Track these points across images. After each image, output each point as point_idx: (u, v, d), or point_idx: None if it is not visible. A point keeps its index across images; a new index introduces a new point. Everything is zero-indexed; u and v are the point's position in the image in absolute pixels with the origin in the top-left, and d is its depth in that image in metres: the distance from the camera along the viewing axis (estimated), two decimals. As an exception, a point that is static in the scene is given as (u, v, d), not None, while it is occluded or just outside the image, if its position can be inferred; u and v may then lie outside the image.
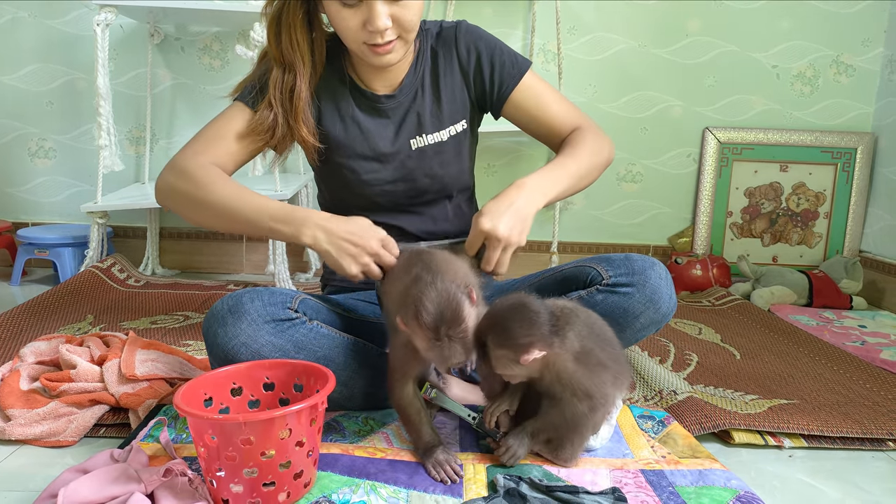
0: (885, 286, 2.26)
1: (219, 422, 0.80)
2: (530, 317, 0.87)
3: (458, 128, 1.23)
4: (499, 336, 0.87)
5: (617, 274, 1.08)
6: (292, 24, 1.09)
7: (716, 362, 1.56)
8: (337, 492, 0.88)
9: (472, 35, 1.22)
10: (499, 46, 1.23)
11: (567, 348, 0.89)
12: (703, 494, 0.91)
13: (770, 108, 2.46)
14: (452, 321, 0.85)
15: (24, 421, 1.07)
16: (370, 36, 1.04)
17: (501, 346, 0.87)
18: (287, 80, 1.11)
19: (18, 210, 2.44)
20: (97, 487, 0.81)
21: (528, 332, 0.86)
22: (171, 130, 2.41)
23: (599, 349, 0.92)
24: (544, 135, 1.28)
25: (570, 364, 0.91)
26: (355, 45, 1.08)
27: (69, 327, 1.65)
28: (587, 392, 0.92)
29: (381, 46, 1.05)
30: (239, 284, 2.22)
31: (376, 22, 1.01)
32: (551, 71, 2.37)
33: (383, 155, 1.19)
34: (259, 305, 1.02)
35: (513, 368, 0.89)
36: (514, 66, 1.22)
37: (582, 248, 2.51)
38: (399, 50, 1.09)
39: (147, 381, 1.17)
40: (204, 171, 1.08)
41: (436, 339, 0.85)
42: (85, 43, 2.29)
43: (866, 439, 1.17)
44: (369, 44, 1.06)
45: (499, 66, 1.21)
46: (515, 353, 0.86)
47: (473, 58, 1.21)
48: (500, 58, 1.21)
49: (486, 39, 1.22)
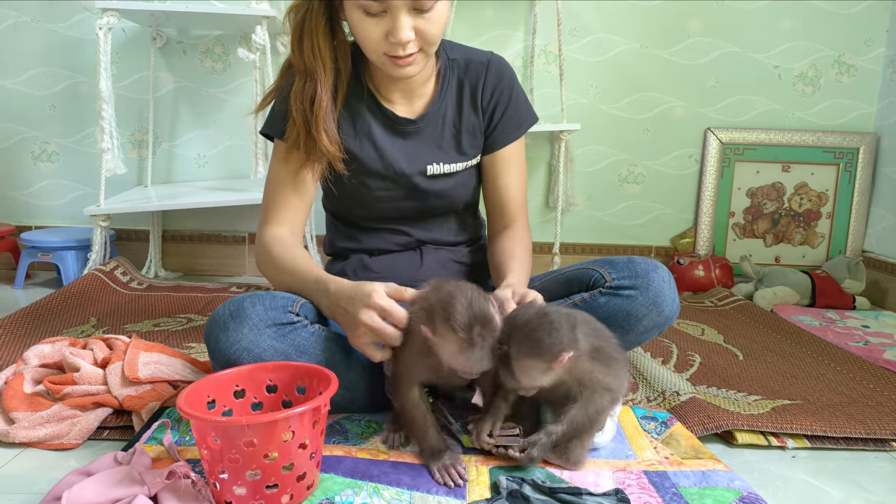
0: (888, 286, 2.26)
1: (222, 424, 0.80)
2: (553, 323, 0.87)
3: (473, 161, 1.25)
4: (526, 346, 0.86)
5: (620, 277, 1.08)
6: (314, 31, 1.08)
7: (718, 363, 1.56)
8: (340, 494, 0.88)
9: (499, 78, 1.22)
10: (519, 98, 1.24)
11: (582, 349, 0.90)
12: (707, 495, 0.91)
13: (772, 109, 2.45)
14: (485, 322, 0.85)
15: (27, 424, 1.07)
16: (392, 47, 1.03)
17: (530, 356, 0.86)
18: (307, 90, 1.10)
19: (21, 214, 2.44)
20: (101, 490, 0.81)
21: (555, 339, 0.86)
22: (173, 133, 2.42)
23: (605, 344, 0.94)
24: (492, 202, 1.29)
25: (588, 363, 0.92)
26: (375, 56, 1.07)
27: (72, 330, 1.65)
28: (607, 386, 0.94)
29: (402, 59, 1.04)
30: (241, 287, 2.22)
31: (399, 34, 1.00)
32: (552, 73, 2.38)
33: (397, 175, 1.20)
34: (261, 310, 1.02)
35: (540, 378, 0.88)
36: (516, 127, 1.23)
37: (584, 249, 2.51)
38: (419, 63, 1.08)
39: (150, 384, 1.17)
40: (276, 252, 1.15)
41: (468, 341, 0.84)
42: (87, 47, 2.30)
43: (870, 440, 1.17)
44: (390, 55, 1.05)
45: (505, 119, 1.22)
46: (547, 361, 0.86)
47: (494, 102, 1.22)
48: (512, 111, 1.23)
49: (511, 86, 1.23)
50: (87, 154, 2.38)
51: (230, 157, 2.43)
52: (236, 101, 2.38)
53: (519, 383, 0.89)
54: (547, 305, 0.93)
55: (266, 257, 1.17)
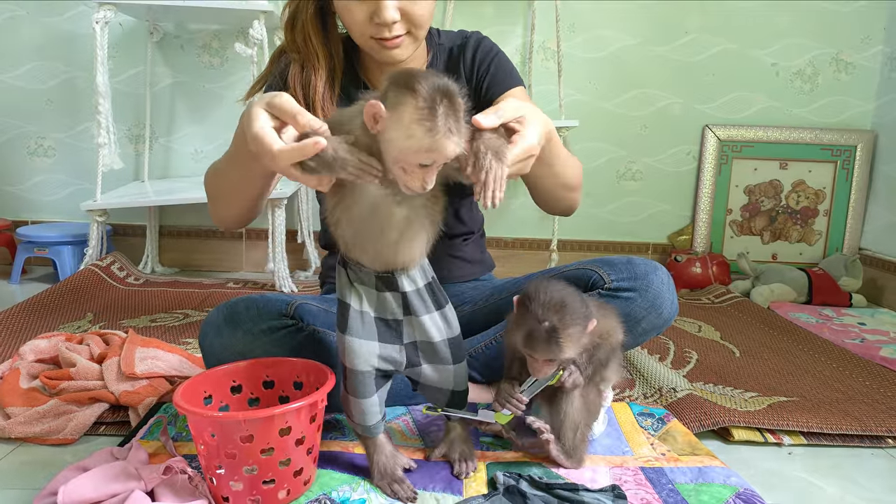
0: (884, 284, 2.26)
1: (219, 419, 0.80)
2: (575, 293, 0.90)
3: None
4: (568, 316, 0.87)
5: (619, 278, 1.07)
6: (305, 21, 1.09)
7: (715, 360, 1.56)
8: (337, 489, 0.88)
9: (482, 48, 1.20)
10: (502, 59, 1.21)
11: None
12: (703, 492, 0.91)
13: (770, 106, 2.45)
14: (450, 96, 0.72)
15: (23, 419, 1.07)
16: (377, 29, 1.03)
17: (572, 325, 0.87)
18: (305, 76, 1.11)
19: (18, 208, 2.44)
20: (97, 485, 0.81)
21: (583, 306, 0.89)
22: (170, 128, 2.41)
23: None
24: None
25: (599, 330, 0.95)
26: (363, 40, 1.07)
27: (69, 325, 1.65)
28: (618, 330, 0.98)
29: (389, 40, 1.04)
30: (238, 282, 2.22)
31: (383, 14, 1.00)
32: (551, 69, 2.37)
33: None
34: (255, 313, 1.02)
35: (579, 344, 0.89)
36: (507, 77, 1.20)
37: (581, 245, 2.51)
38: (408, 46, 1.08)
39: (147, 379, 1.17)
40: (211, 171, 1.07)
41: (430, 108, 0.70)
42: (84, 41, 2.29)
43: (865, 436, 1.18)
44: (377, 38, 1.04)
45: (493, 73, 1.19)
46: (584, 327, 0.88)
47: (476, 68, 1.20)
48: (496, 67, 1.19)
49: (494, 52, 1.20)
50: (84, 149, 2.37)
51: (227, 152, 2.42)
52: (234, 96, 2.37)
53: (564, 353, 0.88)
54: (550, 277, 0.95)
55: (207, 180, 1.08)
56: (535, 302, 0.88)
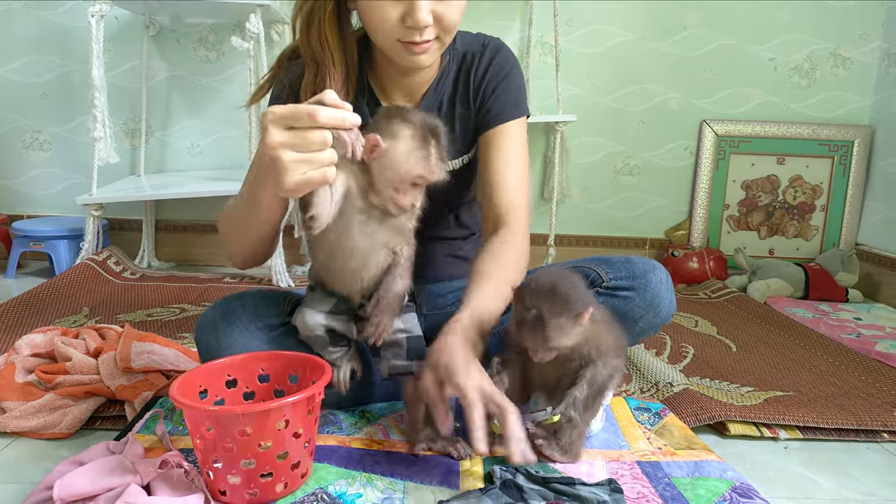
0: (880, 279, 2.27)
1: (216, 413, 0.80)
2: (573, 283, 0.89)
3: (466, 159, 1.17)
4: (558, 304, 0.86)
5: (617, 277, 1.07)
6: (322, 20, 1.02)
7: (712, 354, 1.56)
8: (334, 483, 0.88)
9: (494, 65, 1.14)
10: (511, 83, 1.14)
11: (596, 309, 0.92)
12: (699, 485, 0.91)
13: (767, 101, 2.45)
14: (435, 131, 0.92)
15: (19, 413, 1.06)
16: (408, 32, 0.97)
17: (560, 315, 0.86)
18: (319, 82, 1.04)
19: (13, 202, 2.43)
20: (93, 479, 0.81)
21: (580, 296, 0.88)
22: (166, 122, 2.40)
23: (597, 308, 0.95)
24: (483, 193, 1.15)
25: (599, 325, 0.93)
26: (388, 43, 1.00)
27: (65, 320, 1.64)
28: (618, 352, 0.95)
29: (418, 45, 0.98)
30: (235, 277, 2.21)
31: (417, 15, 0.94)
32: (549, 63, 2.37)
33: None
34: (251, 311, 1.01)
35: (569, 336, 0.88)
36: (508, 108, 1.14)
37: (579, 240, 2.51)
38: (434, 52, 1.02)
39: (143, 374, 1.17)
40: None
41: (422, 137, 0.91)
42: (80, 34, 2.27)
43: (861, 431, 1.18)
44: (405, 41, 0.98)
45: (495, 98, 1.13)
46: (575, 317, 0.87)
47: (483, 86, 1.14)
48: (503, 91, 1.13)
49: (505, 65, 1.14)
50: (80, 143, 2.36)
51: (224, 146, 2.41)
52: (230, 90, 2.36)
53: (550, 343, 0.87)
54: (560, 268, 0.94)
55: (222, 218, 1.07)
56: (526, 289, 0.88)
